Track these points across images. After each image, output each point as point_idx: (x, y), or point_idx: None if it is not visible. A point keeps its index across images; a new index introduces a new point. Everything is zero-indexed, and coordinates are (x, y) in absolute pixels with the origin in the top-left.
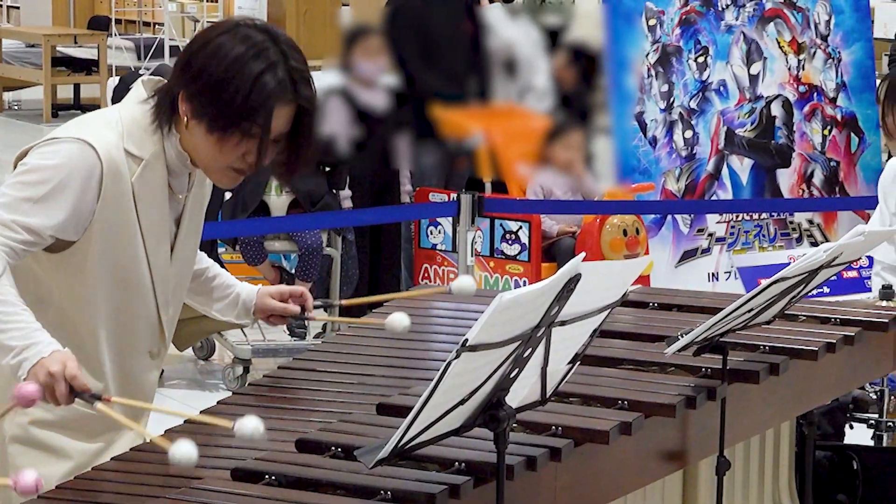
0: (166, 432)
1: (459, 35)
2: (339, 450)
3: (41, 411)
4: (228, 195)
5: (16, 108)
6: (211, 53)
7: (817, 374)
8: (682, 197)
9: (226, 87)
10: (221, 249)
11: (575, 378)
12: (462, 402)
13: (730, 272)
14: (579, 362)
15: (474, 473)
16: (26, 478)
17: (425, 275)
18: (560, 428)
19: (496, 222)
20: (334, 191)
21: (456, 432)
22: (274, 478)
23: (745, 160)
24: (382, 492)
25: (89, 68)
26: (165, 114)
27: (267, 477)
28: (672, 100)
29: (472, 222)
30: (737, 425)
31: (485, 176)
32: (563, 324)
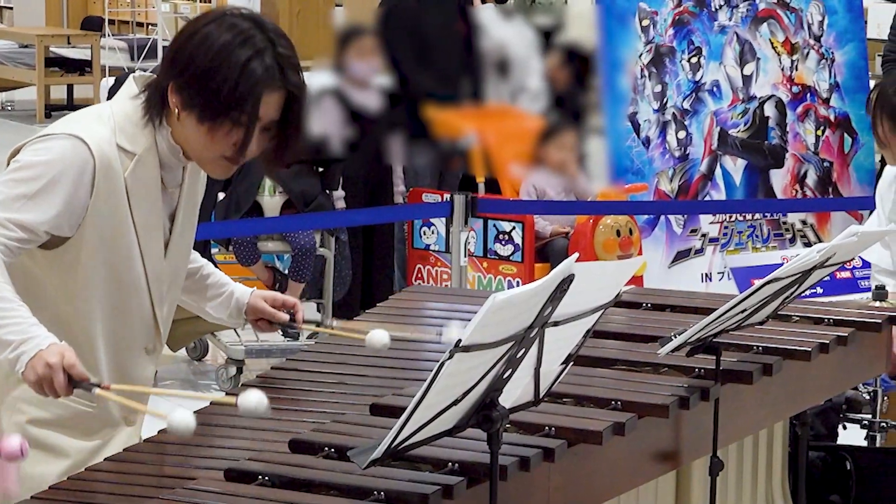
0: (160, 432)
1: (453, 35)
2: (333, 450)
3: (38, 410)
4: (222, 195)
5: (9, 108)
6: (198, 43)
7: (810, 374)
8: (676, 197)
9: (214, 76)
10: (214, 250)
11: (568, 378)
12: (455, 402)
13: (723, 273)
14: (572, 363)
15: (467, 474)
16: (11, 443)
17: (419, 275)
18: (553, 428)
19: (489, 223)
20: (327, 191)
21: (449, 433)
22: (267, 478)
23: (739, 161)
24: (376, 492)
25: (83, 69)
26: (156, 107)
27: (260, 477)
28: (665, 100)
29: (466, 223)
30: (730, 426)
31: (478, 176)
32: (557, 324)
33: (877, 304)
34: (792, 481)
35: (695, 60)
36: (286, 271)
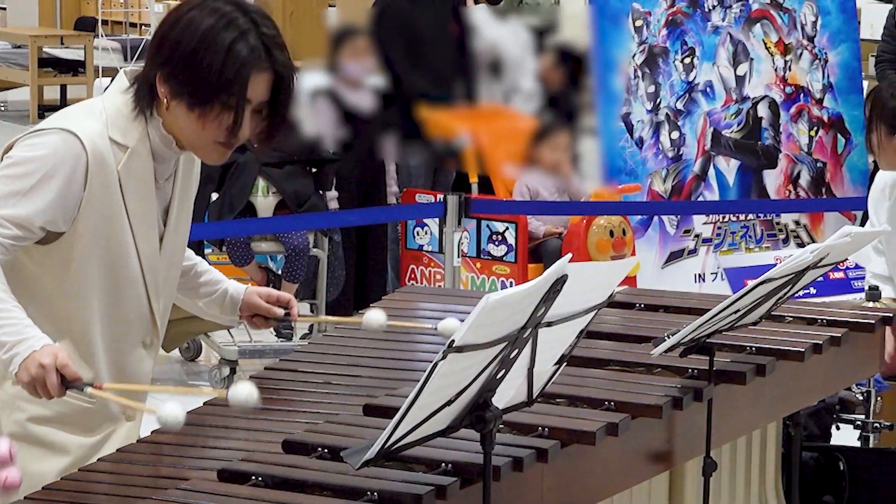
0: (154, 433)
1: (446, 36)
2: (326, 451)
3: (38, 407)
4: (215, 196)
5: (2, 108)
6: (182, 30)
7: (804, 374)
8: (669, 198)
9: (200, 61)
10: (208, 250)
11: (561, 379)
12: (449, 403)
13: (716, 273)
14: (566, 363)
15: (461, 474)
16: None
17: (412, 276)
18: (546, 429)
19: (483, 223)
20: (321, 192)
21: (442, 433)
22: (260, 479)
23: (732, 161)
24: (369, 493)
25: (76, 69)
26: (145, 99)
27: (253, 478)
28: (658, 101)
29: (459, 223)
30: (723, 426)
31: (471, 177)
32: (550, 325)
33: (870, 304)
34: (785, 482)
35: (688, 61)
36: (279, 272)
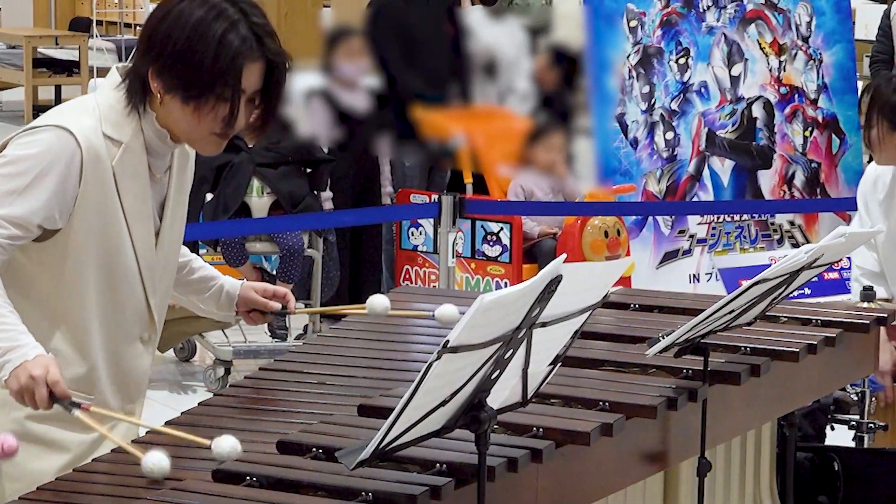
0: (143, 437)
1: (441, 36)
2: (321, 451)
3: None
4: (210, 196)
5: None
6: (171, 24)
7: (798, 375)
8: (664, 198)
9: (192, 55)
10: (203, 251)
11: (556, 379)
12: (443, 403)
13: (711, 273)
14: (560, 364)
15: (455, 475)
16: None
17: (406, 276)
18: (541, 429)
19: (477, 224)
20: (315, 192)
21: (437, 434)
22: (255, 479)
23: (727, 161)
24: (363, 493)
25: (70, 70)
26: (138, 94)
27: (248, 478)
28: (653, 101)
29: (454, 224)
30: (718, 427)
31: (466, 177)
32: (545, 325)
33: (864, 304)
34: (780, 482)
35: (683, 61)
36: (274, 272)
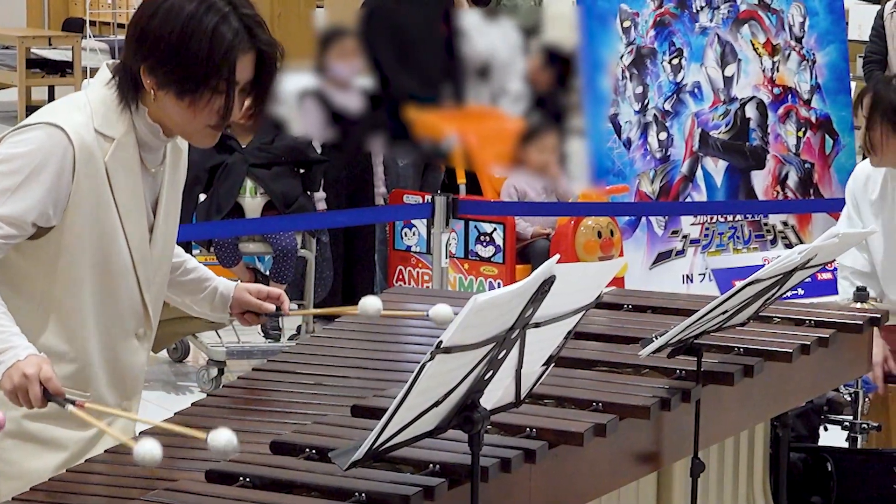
0: (140, 433)
1: (434, 37)
2: (314, 451)
3: None
4: (203, 197)
5: None
6: (162, 20)
7: (792, 375)
8: (657, 199)
9: (185, 50)
10: (196, 251)
11: (549, 380)
12: (436, 403)
13: (704, 274)
14: (554, 364)
15: (449, 475)
16: None
17: (399, 277)
18: (534, 430)
19: (470, 224)
20: (308, 192)
21: (430, 434)
22: (248, 479)
23: (720, 162)
24: (357, 493)
25: (64, 70)
26: (130, 92)
27: (241, 479)
28: (646, 101)
29: (447, 224)
30: (711, 427)
31: (459, 178)
32: (538, 326)
33: (858, 305)
34: (773, 483)
35: (676, 62)
36: (267, 272)
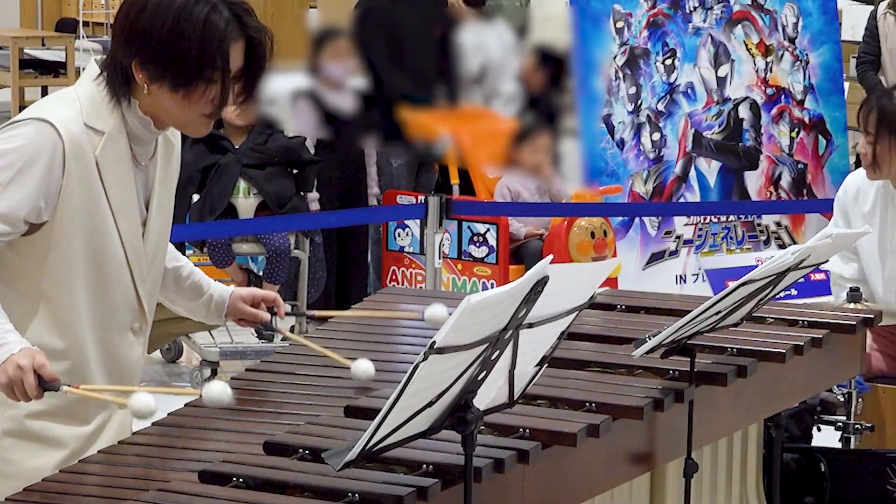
0: (135, 434)
1: (428, 37)
2: (307, 452)
3: (34, 403)
4: (196, 197)
5: None
6: (152, 14)
7: (785, 376)
8: (650, 199)
9: (178, 42)
10: (189, 251)
11: (543, 380)
12: (430, 404)
13: (697, 274)
14: (547, 364)
15: (442, 475)
16: None
17: (393, 277)
18: (528, 430)
19: (464, 224)
20: (302, 193)
21: (424, 434)
22: (241, 480)
23: (713, 162)
24: (350, 494)
25: (57, 70)
26: (120, 87)
27: (234, 479)
28: (640, 102)
29: (440, 225)
30: (704, 427)
31: (452, 178)
32: (531, 326)
33: (851, 305)
34: (766, 483)
35: (669, 62)
36: (260, 273)
